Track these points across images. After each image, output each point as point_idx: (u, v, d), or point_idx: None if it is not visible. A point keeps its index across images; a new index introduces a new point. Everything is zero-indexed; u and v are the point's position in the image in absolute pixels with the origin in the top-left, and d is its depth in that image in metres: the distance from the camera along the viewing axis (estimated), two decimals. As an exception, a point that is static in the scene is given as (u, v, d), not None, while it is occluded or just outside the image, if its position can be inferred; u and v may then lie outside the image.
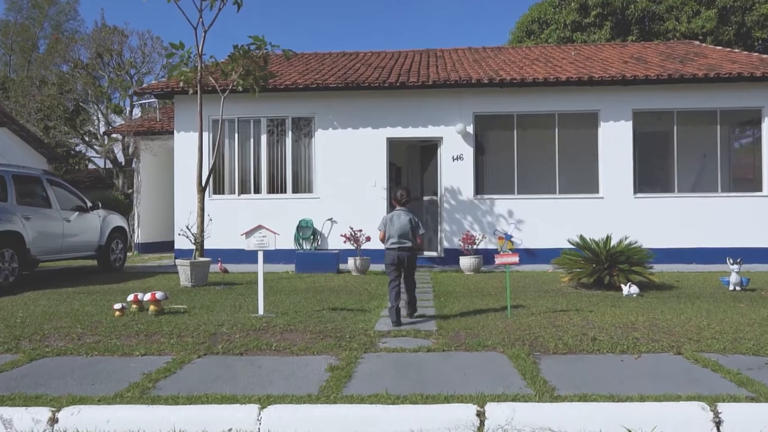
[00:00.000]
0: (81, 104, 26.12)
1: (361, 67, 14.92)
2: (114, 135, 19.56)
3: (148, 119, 18.71)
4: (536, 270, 11.88)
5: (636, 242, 9.47)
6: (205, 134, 13.50)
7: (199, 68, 10.34)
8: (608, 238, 9.50)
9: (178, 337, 5.97)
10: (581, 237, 9.72)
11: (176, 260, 9.80)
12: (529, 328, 6.12)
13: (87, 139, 23.21)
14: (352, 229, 11.74)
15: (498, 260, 6.97)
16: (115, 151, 21.68)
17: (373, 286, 9.67)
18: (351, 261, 11.55)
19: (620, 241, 9.42)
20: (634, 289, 8.47)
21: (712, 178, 13.07)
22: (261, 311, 6.95)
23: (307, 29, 65.12)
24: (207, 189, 13.40)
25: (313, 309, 7.36)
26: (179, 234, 12.01)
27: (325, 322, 6.51)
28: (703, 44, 17.39)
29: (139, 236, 17.37)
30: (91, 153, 25.47)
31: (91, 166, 26.16)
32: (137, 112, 22.75)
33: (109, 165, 22.48)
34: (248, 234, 7.02)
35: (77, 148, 25.80)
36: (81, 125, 23.64)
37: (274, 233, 7.01)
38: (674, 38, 20.33)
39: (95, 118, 24.50)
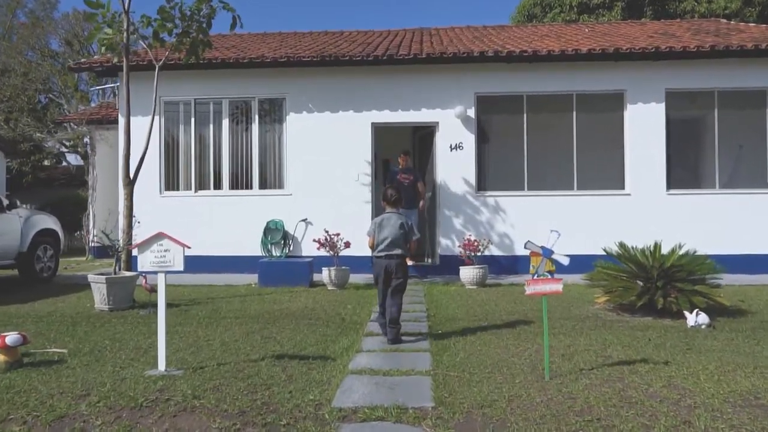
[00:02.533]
0: (51, 96, 23.54)
1: (344, 43, 12.32)
2: (66, 125, 16.87)
3: (106, 106, 16.07)
4: (553, 282, 9.32)
5: (694, 250, 6.93)
6: (156, 117, 10.89)
7: (125, 29, 7.73)
8: (657, 247, 6.96)
9: (-2, 424, 3.40)
10: (622, 245, 7.17)
11: (90, 276, 7.21)
12: (588, 409, 3.55)
13: (56, 132, 20.53)
14: (327, 233, 9.15)
15: (531, 289, 4.44)
16: (87, 145, 19.03)
17: (349, 309, 7.10)
18: (326, 272, 8.98)
19: (673, 250, 6.88)
20: (703, 319, 5.93)
21: (761, 170, 10.54)
22: (162, 366, 4.34)
23: (287, 10, 60.06)
24: (161, 184, 10.83)
25: (248, 357, 4.77)
26: (95, 240, 9.40)
27: (255, 389, 3.92)
28: (731, 22, 14.86)
29: (94, 238, 14.74)
30: (67, 149, 22.93)
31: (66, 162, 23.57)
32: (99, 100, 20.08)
33: (81, 161, 19.88)
34: (142, 247, 4.42)
35: (49, 144, 23.22)
36: (48, 117, 20.98)
37: (183, 246, 4.43)
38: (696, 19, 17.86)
39: (66, 110, 21.89)
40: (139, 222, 8.31)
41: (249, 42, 13.11)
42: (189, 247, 4.42)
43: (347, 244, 9.13)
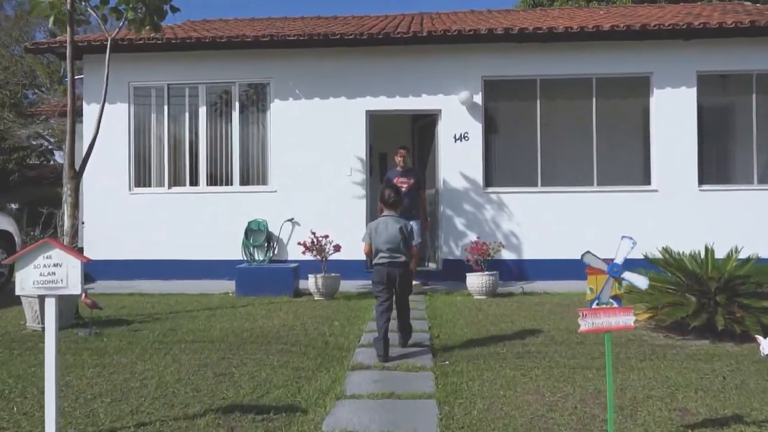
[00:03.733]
0: (40, 91, 22.19)
1: (336, 26, 10.95)
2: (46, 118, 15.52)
3: (80, 97, 14.68)
4: (570, 290, 7.97)
5: (756, 256, 5.58)
6: (124, 105, 9.54)
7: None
8: (710, 251, 5.60)
9: None
10: (666, 250, 5.81)
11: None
12: None
13: (32, 125, 19.15)
14: (314, 234, 7.78)
15: (588, 324, 3.13)
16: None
17: (335, 327, 5.74)
18: (312, 280, 7.62)
19: (729, 257, 5.53)
20: (781, 345, 4.57)
21: (805, 164, 9.19)
22: (50, 433, 2.97)
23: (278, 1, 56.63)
24: (130, 180, 9.48)
25: (186, 411, 3.41)
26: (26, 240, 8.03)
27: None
28: (758, 5, 13.47)
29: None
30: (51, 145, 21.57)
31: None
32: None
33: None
34: (21, 260, 3.02)
35: (36, 141, 21.86)
36: (28, 111, 19.60)
37: (81, 259, 3.01)
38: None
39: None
40: (83, 222, 6.94)
41: (234, 26, 11.73)
42: (88, 260, 3.04)
43: (337, 248, 7.76)
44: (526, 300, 7.31)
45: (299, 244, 7.86)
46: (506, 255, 8.95)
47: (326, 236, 7.76)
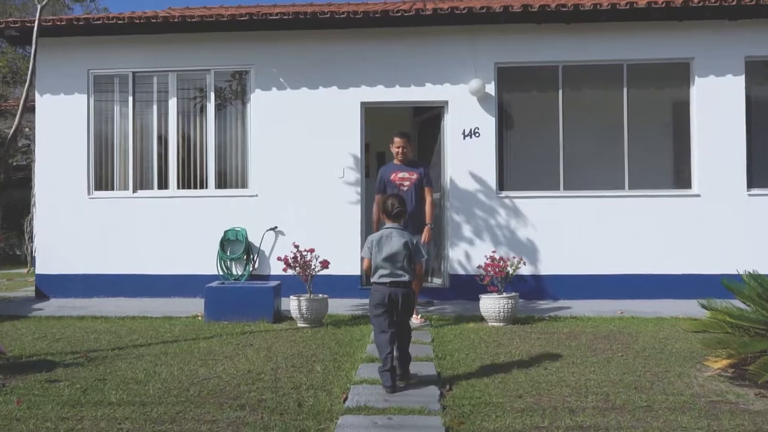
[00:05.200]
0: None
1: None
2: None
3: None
4: (601, 313, 6.56)
5: None
6: (82, 97, 8.12)
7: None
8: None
9: None
10: (755, 276, 4.34)
11: None
12: None
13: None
14: (297, 248, 6.34)
15: None
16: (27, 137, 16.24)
17: (317, 374, 4.30)
18: (294, 303, 6.19)
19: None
20: None
21: None
22: None
23: None
24: (89, 182, 8.08)
25: None
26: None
27: None
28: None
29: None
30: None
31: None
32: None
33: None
34: None
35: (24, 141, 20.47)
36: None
37: None
38: None
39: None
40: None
41: (217, 12, 10.30)
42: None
43: (324, 264, 6.31)
44: (553, 329, 5.86)
45: (279, 259, 6.41)
46: (523, 269, 7.50)
47: (311, 250, 6.31)
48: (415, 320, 5.24)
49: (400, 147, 6.23)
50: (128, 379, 4.22)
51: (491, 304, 6.17)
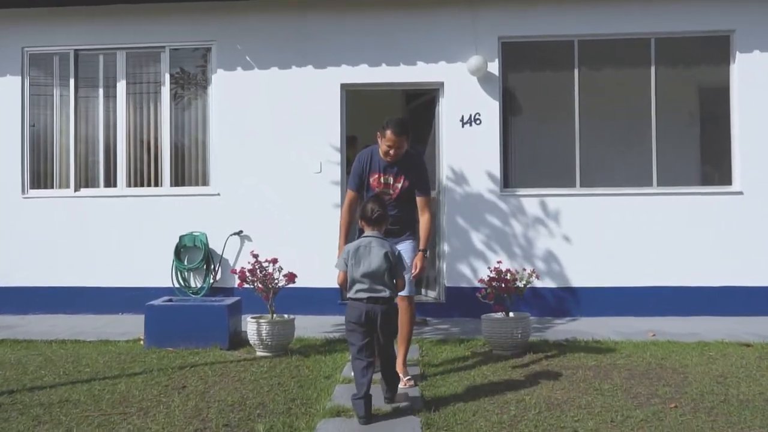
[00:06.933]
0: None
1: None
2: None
3: None
4: (630, 337, 5.26)
5: None
6: (16, 79, 6.84)
7: None
8: None
9: None
10: None
11: None
12: None
13: None
14: (256, 257, 5.04)
15: None
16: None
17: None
18: (252, 327, 4.89)
19: None
20: None
21: None
22: None
23: None
24: (24, 179, 6.79)
25: None
26: None
27: None
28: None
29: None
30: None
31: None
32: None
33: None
34: None
35: None
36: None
37: None
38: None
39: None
40: None
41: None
42: None
43: (290, 278, 5.00)
44: (575, 362, 4.54)
45: (233, 272, 5.11)
46: (536, 282, 6.19)
47: (274, 260, 5.00)
48: (403, 384, 3.91)
49: (393, 147, 4.11)
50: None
51: (495, 329, 4.85)
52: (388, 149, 4.11)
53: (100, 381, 4.13)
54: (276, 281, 5.00)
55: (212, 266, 6.61)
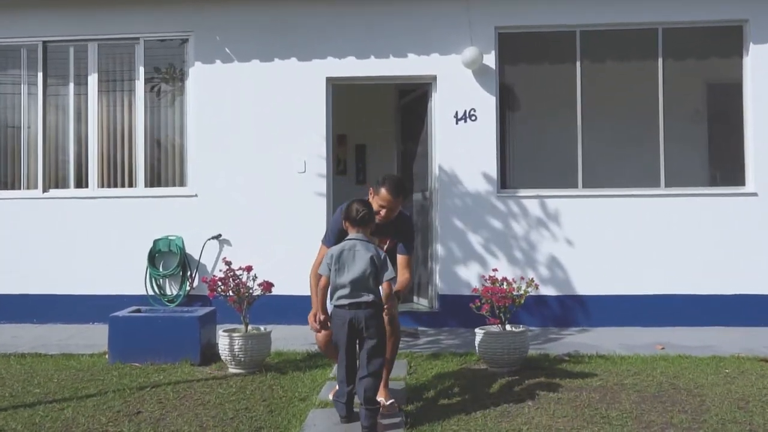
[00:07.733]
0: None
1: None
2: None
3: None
4: (637, 350, 4.79)
5: None
6: (-21, 73, 6.37)
7: None
8: None
9: None
10: None
11: None
12: None
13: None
14: (228, 265, 4.57)
15: None
16: None
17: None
18: (224, 341, 4.43)
19: None
20: None
21: None
22: None
23: None
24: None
25: None
26: None
27: None
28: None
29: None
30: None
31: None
32: None
33: None
34: None
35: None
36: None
37: None
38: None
39: None
40: None
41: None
42: None
43: (267, 287, 4.54)
44: (578, 381, 4.07)
45: (204, 281, 4.65)
46: (546, 291, 5.72)
47: (248, 268, 4.53)
48: (385, 400, 3.42)
49: (386, 208, 3.56)
50: None
51: (491, 344, 4.38)
52: (380, 209, 3.55)
53: (46, 405, 3.65)
54: (251, 290, 4.54)
55: (189, 272, 6.13)
